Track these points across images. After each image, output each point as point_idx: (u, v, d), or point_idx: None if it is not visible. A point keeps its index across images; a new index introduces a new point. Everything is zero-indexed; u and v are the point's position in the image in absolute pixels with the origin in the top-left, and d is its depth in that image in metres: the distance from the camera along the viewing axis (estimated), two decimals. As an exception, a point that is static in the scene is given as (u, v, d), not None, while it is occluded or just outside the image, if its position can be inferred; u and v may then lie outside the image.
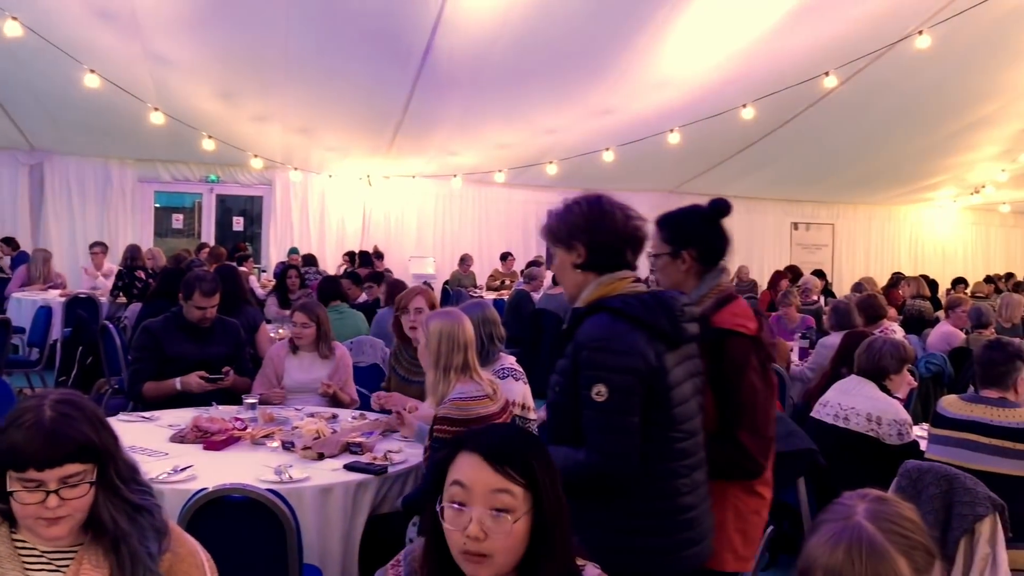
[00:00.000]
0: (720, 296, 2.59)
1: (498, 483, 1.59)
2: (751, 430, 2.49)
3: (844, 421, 4.03)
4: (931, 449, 3.73)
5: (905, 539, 1.37)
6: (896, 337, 6.33)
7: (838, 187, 15.06)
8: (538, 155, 12.30)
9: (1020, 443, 3.44)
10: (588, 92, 10.06)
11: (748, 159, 12.89)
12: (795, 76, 9.34)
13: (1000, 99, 10.74)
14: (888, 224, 16.77)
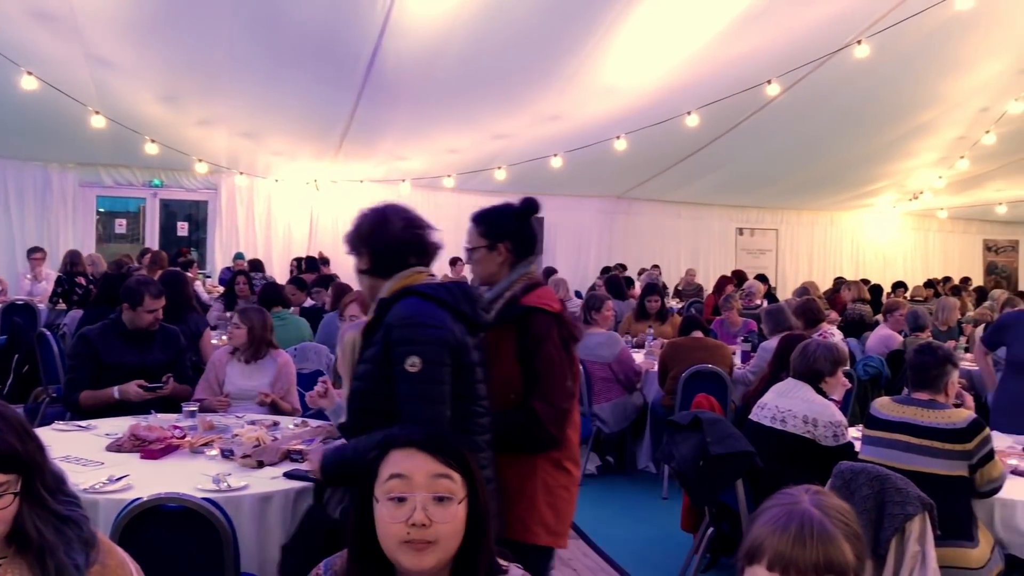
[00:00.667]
0: (529, 282, 2.82)
1: (438, 468, 1.64)
2: (545, 399, 2.66)
3: (781, 423, 4.11)
4: (864, 450, 3.82)
5: (847, 527, 1.42)
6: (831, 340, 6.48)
7: (782, 193, 15.31)
8: (487, 160, 12.32)
9: (948, 443, 3.53)
10: (536, 98, 10.11)
11: (694, 165, 13.06)
12: (738, 84, 9.49)
13: (937, 108, 11.02)
14: (831, 229, 17.10)
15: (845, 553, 1.38)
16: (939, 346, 3.92)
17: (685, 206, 15.83)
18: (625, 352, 6.69)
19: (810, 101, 10.41)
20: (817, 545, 1.37)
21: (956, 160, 12.83)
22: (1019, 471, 3.98)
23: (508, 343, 2.71)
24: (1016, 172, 13.60)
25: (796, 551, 1.37)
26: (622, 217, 15.62)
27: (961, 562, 3.46)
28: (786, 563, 1.37)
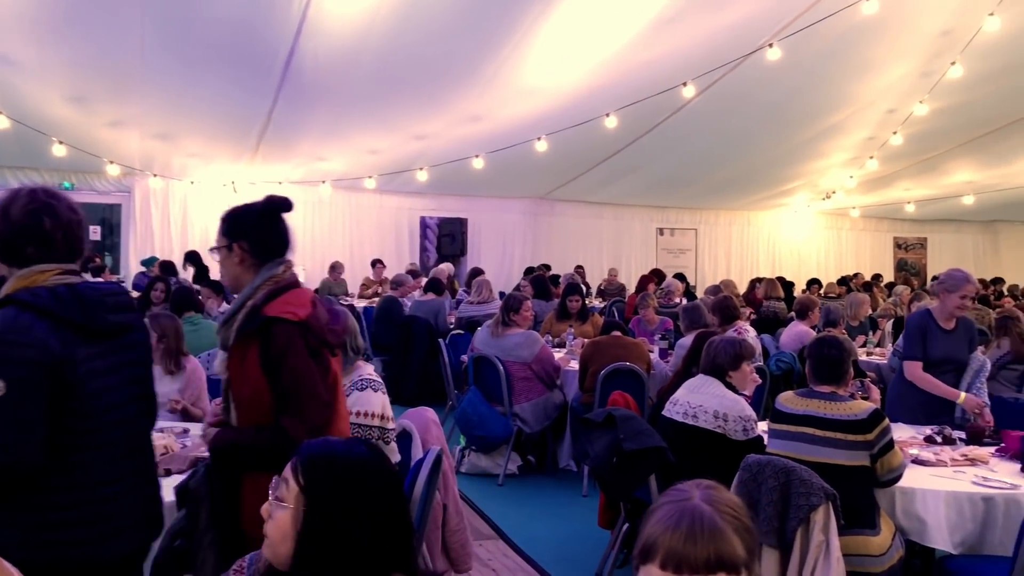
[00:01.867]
0: (274, 287, 2.60)
1: (287, 474, 1.77)
2: (295, 415, 2.50)
3: (693, 419, 4.18)
4: (771, 443, 3.91)
5: (738, 521, 1.44)
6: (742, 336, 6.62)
7: (700, 194, 15.60)
8: (408, 161, 12.27)
9: (850, 434, 3.64)
10: (457, 99, 10.11)
11: (614, 166, 13.21)
12: (655, 86, 9.64)
13: (847, 109, 11.35)
14: (748, 229, 17.48)
15: (735, 547, 1.40)
16: (839, 340, 4.04)
17: (607, 207, 16.01)
18: (544, 350, 6.73)
19: (725, 103, 10.63)
20: (708, 541, 1.39)
21: (866, 160, 13.25)
22: (919, 460, 4.13)
23: (253, 356, 2.52)
24: (923, 172, 14.11)
25: (687, 548, 1.38)
26: (545, 218, 15.72)
27: (863, 550, 3.56)
28: (678, 560, 1.39)
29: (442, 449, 3.66)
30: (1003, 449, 4.32)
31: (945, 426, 4.66)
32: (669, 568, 1.39)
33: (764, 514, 3.50)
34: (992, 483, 3.82)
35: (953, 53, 9.60)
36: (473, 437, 6.49)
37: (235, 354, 2.57)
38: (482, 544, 5.17)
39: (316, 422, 2.53)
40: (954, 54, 9.59)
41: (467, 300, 9.40)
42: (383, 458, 1.87)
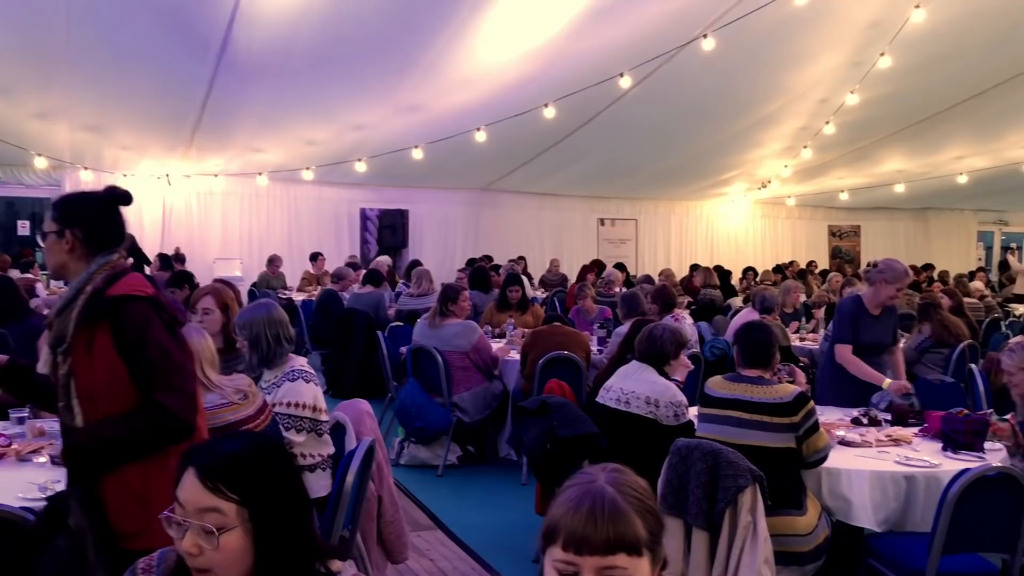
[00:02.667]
0: (112, 272, 2.58)
1: (207, 502, 1.62)
2: (169, 388, 2.49)
3: (625, 405, 4.23)
4: (700, 427, 3.97)
5: (640, 502, 1.46)
6: (679, 323, 6.71)
7: (640, 184, 15.73)
8: (347, 152, 12.15)
9: (776, 417, 3.71)
10: (395, 88, 10.03)
11: (554, 157, 13.25)
12: (592, 76, 9.68)
13: (781, 99, 11.53)
14: (686, 218, 17.69)
15: (636, 528, 1.42)
16: (767, 325, 4.12)
17: (548, 197, 16.06)
18: (482, 340, 6.74)
19: (662, 94, 10.72)
20: (608, 522, 1.40)
21: (800, 150, 13.48)
22: (845, 441, 4.23)
23: (104, 341, 2.47)
24: (855, 161, 14.41)
25: (588, 529, 1.40)
26: (487, 209, 15.71)
27: (790, 529, 3.64)
28: (579, 541, 1.40)
29: (374, 440, 3.64)
30: (925, 429, 4.45)
31: (871, 408, 4.78)
32: (570, 549, 1.40)
33: (693, 496, 3.55)
34: (914, 462, 3.93)
35: (882, 44, 9.81)
36: (412, 428, 6.47)
37: (79, 344, 2.49)
38: (420, 535, 5.17)
39: (190, 391, 2.54)
40: (883, 45, 9.80)
41: (407, 292, 9.35)
42: (268, 435, 1.85)
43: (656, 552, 1.46)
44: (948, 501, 3.38)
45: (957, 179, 15.09)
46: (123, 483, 2.49)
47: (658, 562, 1.47)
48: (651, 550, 1.44)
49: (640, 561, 1.42)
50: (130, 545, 2.38)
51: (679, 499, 3.61)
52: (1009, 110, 11.90)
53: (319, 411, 3.93)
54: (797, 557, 3.64)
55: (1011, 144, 13.45)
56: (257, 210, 13.89)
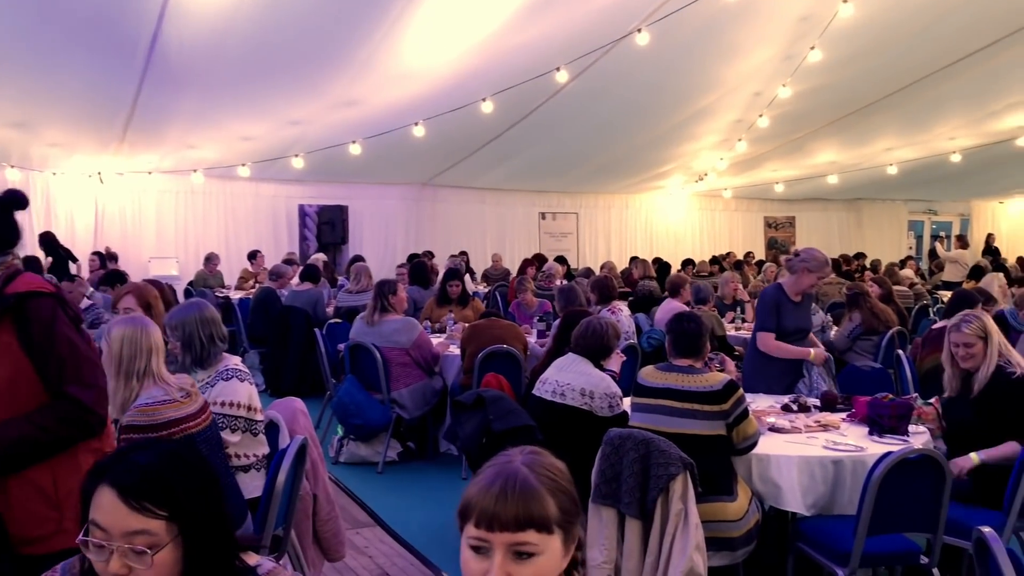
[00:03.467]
0: (7, 272, 2.55)
1: (135, 524, 1.57)
2: (80, 382, 2.48)
3: (560, 397, 4.26)
4: (633, 417, 4.02)
5: (553, 482, 1.49)
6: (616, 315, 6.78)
7: (580, 178, 15.83)
8: (283, 148, 12.01)
9: (707, 405, 3.77)
10: (331, 83, 9.93)
11: (495, 152, 13.26)
12: (529, 71, 9.70)
13: (716, 92, 11.68)
14: (626, 211, 17.85)
15: (547, 506, 1.44)
16: (697, 315, 4.18)
17: (489, 192, 16.08)
18: (422, 336, 6.73)
19: (599, 88, 10.80)
20: (519, 499, 1.43)
21: (735, 142, 13.68)
22: (775, 428, 4.32)
23: (7, 339, 2.43)
24: (789, 153, 14.67)
25: (498, 506, 1.43)
26: (428, 204, 15.67)
27: (721, 515, 3.71)
28: (490, 518, 1.43)
29: (307, 438, 3.62)
30: (853, 414, 4.56)
31: (800, 394, 4.89)
32: (482, 526, 1.43)
33: (626, 486, 3.60)
34: (841, 447, 4.03)
35: (812, 38, 9.99)
36: (351, 426, 6.44)
37: None
38: (359, 532, 5.15)
39: (101, 384, 2.55)
40: (813, 39, 9.98)
41: (345, 289, 9.28)
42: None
43: (569, 531, 1.49)
44: (872, 484, 3.47)
45: (887, 170, 15.45)
46: (30, 485, 2.44)
47: (572, 540, 1.50)
48: (563, 528, 1.47)
49: (551, 539, 1.45)
50: (40, 549, 2.34)
51: (612, 489, 3.66)
52: (935, 102, 12.21)
53: (254, 410, 3.88)
54: (728, 542, 3.70)
55: (938, 135, 13.81)
56: (193, 208, 13.67)
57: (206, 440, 3.34)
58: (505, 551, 1.43)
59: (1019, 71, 11.25)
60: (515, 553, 1.43)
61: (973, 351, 4.05)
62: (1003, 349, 4.14)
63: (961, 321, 4.20)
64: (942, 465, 3.56)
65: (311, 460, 3.99)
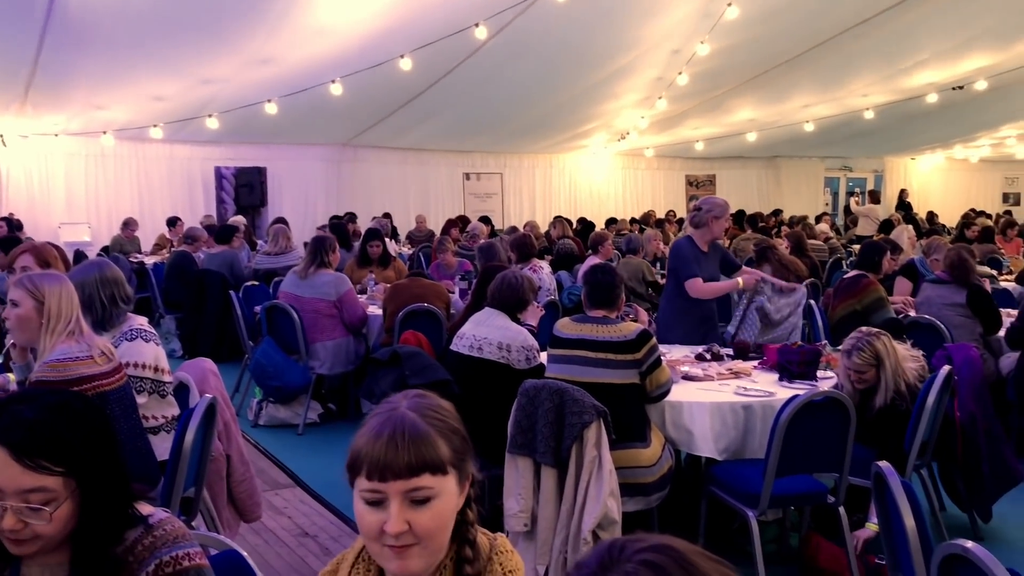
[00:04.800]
0: None
1: (29, 483, 1.53)
2: None
3: (478, 351, 4.25)
4: (549, 368, 4.03)
5: (443, 423, 1.47)
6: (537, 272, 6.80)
7: (503, 137, 15.75)
8: (198, 108, 11.66)
9: (620, 354, 3.81)
10: (244, 40, 9.65)
11: (416, 111, 13.09)
12: (448, 27, 9.57)
13: (635, 50, 11.69)
14: (551, 171, 17.84)
15: (439, 448, 1.43)
16: (611, 267, 4.22)
17: (412, 152, 15.89)
18: (351, 293, 6.66)
19: (520, 46, 10.71)
20: (409, 445, 1.40)
21: (656, 100, 13.74)
22: (689, 376, 4.39)
23: None
24: (708, 111, 14.81)
25: (389, 455, 1.40)
26: (349, 165, 15.43)
27: (634, 462, 3.76)
28: (382, 468, 1.40)
29: (215, 397, 3.54)
30: (764, 362, 4.66)
31: (714, 344, 4.98)
32: (375, 478, 1.40)
33: (541, 435, 3.62)
34: (752, 393, 4.12)
35: (730, -6, 10.06)
36: (269, 388, 6.35)
37: None
38: (279, 493, 5.10)
39: None
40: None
41: (263, 251, 9.11)
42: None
43: (462, 469, 1.48)
44: (779, 426, 3.56)
45: (804, 127, 15.72)
46: None
47: (465, 477, 1.49)
48: (456, 467, 1.46)
49: (445, 479, 1.44)
50: None
51: (528, 439, 3.68)
52: (849, 59, 12.43)
53: (161, 371, 3.78)
54: (642, 488, 3.77)
55: (852, 92, 14.08)
56: (104, 171, 13.21)
57: (120, 400, 3.26)
58: (401, 499, 1.40)
59: (927, 29, 11.52)
60: (412, 500, 1.41)
61: (866, 377, 3.97)
62: (899, 370, 3.97)
63: (853, 348, 3.98)
64: (847, 407, 3.67)
65: (223, 421, 3.93)
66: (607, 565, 0.86)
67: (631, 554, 0.86)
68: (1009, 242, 12.97)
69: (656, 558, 0.85)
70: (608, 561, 0.86)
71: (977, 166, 22.86)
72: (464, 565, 1.48)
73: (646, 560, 0.85)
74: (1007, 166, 23.33)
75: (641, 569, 0.84)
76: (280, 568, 4.08)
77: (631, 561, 0.85)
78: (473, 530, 1.52)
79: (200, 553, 1.67)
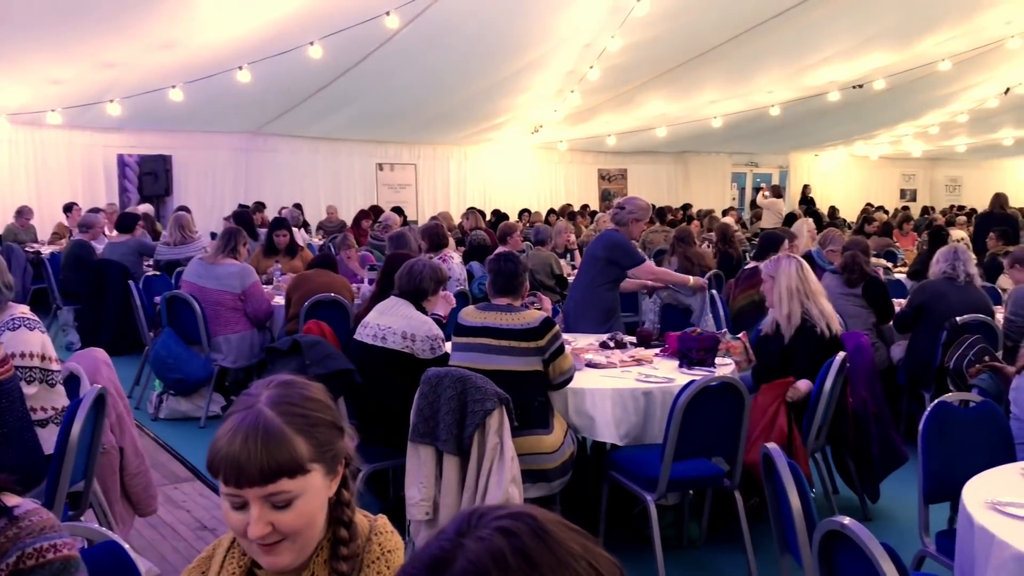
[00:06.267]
0: None
1: None
2: None
3: (382, 340, 4.22)
4: (453, 356, 4.03)
5: (305, 418, 1.41)
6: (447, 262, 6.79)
7: (417, 128, 15.64)
8: (99, 93, 11.25)
9: (523, 342, 3.83)
10: (146, 23, 9.34)
11: (328, 100, 12.90)
12: (358, 15, 9.45)
13: (548, 43, 11.74)
14: (465, 163, 17.79)
15: (296, 448, 1.37)
16: (515, 255, 4.23)
17: (323, 142, 15.66)
18: (257, 286, 6.54)
19: (432, 36, 10.64)
20: (262, 450, 1.35)
21: (568, 94, 13.84)
22: (593, 364, 4.44)
23: None
24: (620, 105, 14.98)
25: (243, 460, 1.34)
26: (258, 154, 15.11)
27: (537, 448, 3.79)
28: (236, 475, 1.35)
29: (105, 388, 3.43)
30: (665, 349, 4.75)
31: (617, 332, 5.05)
32: (231, 483, 1.36)
33: (443, 423, 3.62)
34: (652, 379, 4.19)
35: (639, -11, 10.18)
36: (170, 380, 6.19)
37: None
38: (178, 487, 4.98)
39: None
40: (639, -10, 10.17)
41: (164, 240, 8.86)
42: None
43: (330, 459, 1.44)
44: (677, 411, 3.63)
45: (712, 123, 16.04)
46: None
47: (336, 463, 1.46)
48: (321, 460, 1.41)
49: (308, 477, 1.39)
50: None
51: (430, 427, 3.67)
52: (755, 56, 12.73)
53: (49, 359, 3.65)
54: (544, 474, 3.80)
55: (757, 88, 14.43)
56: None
57: (8, 392, 3.13)
58: (261, 503, 1.36)
59: (829, 28, 11.88)
60: (272, 504, 1.37)
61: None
62: (804, 299, 4.35)
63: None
64: (742, 392, 3.77)
65: (116, 412, 3.81)
66: (463, 531, 0.86)
67: (488, 520, 0.87)
68: (905, 236, 13.52)
69: (511, 524, 0.85)
70: (465, 528, 0.87)
71: (877, 163, 23.70)
72: (339, 547, 1.46)
73: (501, 527, 0.85)
74: (904, 163, 24.28)
75: (495, 535, 0.84)
76: (176, 562, 3.99)
77: (487, 527, 0.86)
78: (349, 511, 1.49)
79: (70, 544, 1.60)
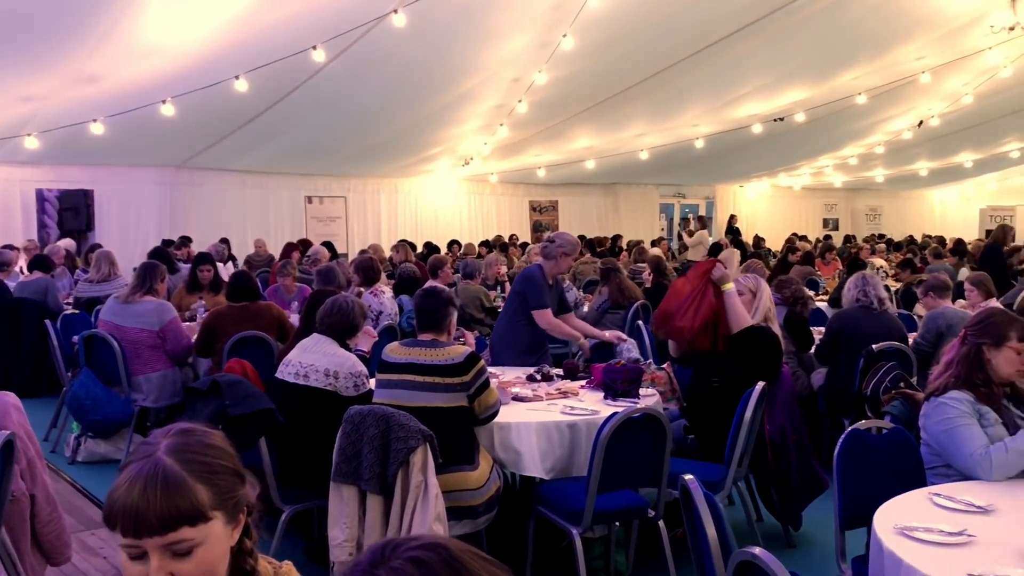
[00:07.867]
0: None
1: None
2: None
3: (304, 379, 4.17)
4: (377, 393, 4.01)
5: (205, 466, 1.40)
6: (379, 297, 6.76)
7: (346, 161, 15.58)
8: (15, 127, 10.98)
9: (448, 377, 3.82)
10: (66, 57, 9.16)
11: (254, 133, 12.76)
12: (285, 49, 9.41)
13: (476, 77, 11.83)
14: (395, 195, 17.76)
15: (196, 496, 1.37)
16: (441, 290, 4.23)
17: (251, 175, 15.48)
18: (176, 323, 6.39)
19: (360, 70, 10.65)
20: (162, 500, 1.34)
21: (497, 127, 13.95)
22: (519, 397, 4.45)
23: None
24: (549, 139, 15.16)
25: (141, 509, 1.33)
26: (184, 188, 14.86)
27: (462, 484, 3.78)
28: (136, 525, 1.33)
29: (14, 433, 3.32)
30: (591, 381, 4.78)
31: (544, 364, 5.07)
32: (130, 534, 1.34)
33: (367, 462, 3.58)
34: (577, 411, 4.22)
35: (564, 26, 10.32)
36: (89, 422, 6.01)
37: None
38: (94, 533, 4.81)
39: None
40: (565, 26, 10.32)
41: (85, 278, 8.64)
42: None
43: (232, 506, 1.43)
44: (600, 443, 3.65)
45: (640, 155, 16.31)
46: None
47: (238, 510, 1.45)
48: (222, 507, 1.40)
49: (209, 525, 1.38)
50: None
51: (353, 467, 3.63)
52: (680, 90, 13.02)
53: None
54: (470, 511, 3.78)
55: (683, 122, 14.75)
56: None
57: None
58: (161, 552, 1.35)
59: (750, 64, 12.23)
60: (172, 552, 1.35)
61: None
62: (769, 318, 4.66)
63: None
64: (663, 423, 3.81)
65: (26, 458, 3.68)
66: (377, 562, 0.87)
67: (402, 551, 0.88)
68: (827, 265, 13.89)
69: (424, 555, 0.86)
70: (379, 559, 0.88)
71: (799, 193, 24.34)
72: None
73: (413, 557, 0.86)
74: (826, 193, 25.00)
75: (408, 566, 0.85)
76: (91, 613, 3.85)
77: (400, 558, 0.87)
78: (251, 559, 1.47)
79: None
